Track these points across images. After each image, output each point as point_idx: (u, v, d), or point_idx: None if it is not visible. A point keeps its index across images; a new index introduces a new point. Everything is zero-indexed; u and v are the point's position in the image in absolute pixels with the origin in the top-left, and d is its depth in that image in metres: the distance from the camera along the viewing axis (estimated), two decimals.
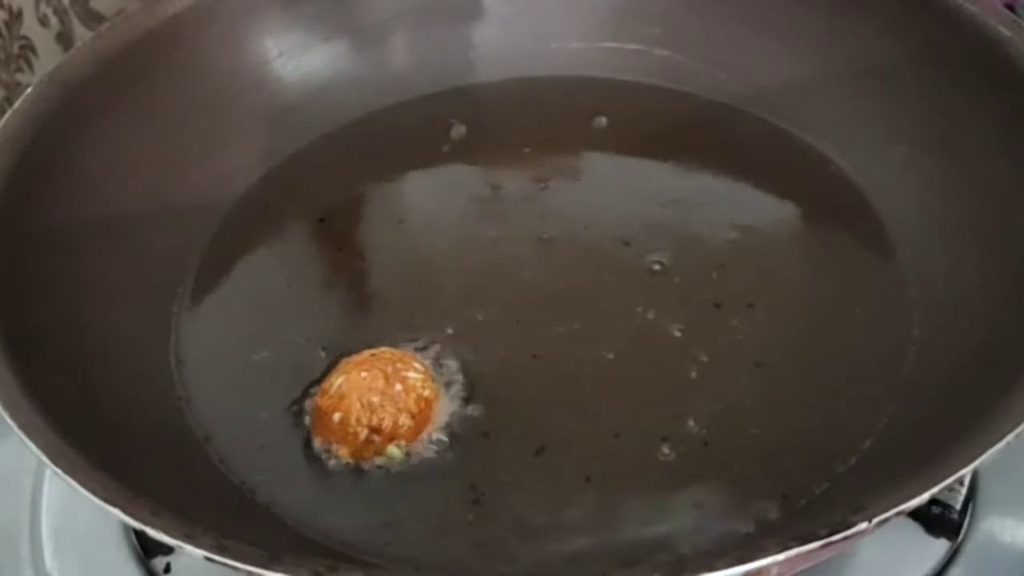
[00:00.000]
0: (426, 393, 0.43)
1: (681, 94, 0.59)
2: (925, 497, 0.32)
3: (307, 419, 0.44)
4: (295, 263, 0.53)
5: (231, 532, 0.33)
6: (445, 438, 0.43)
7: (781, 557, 0.31)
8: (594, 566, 0.39)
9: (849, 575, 0.43)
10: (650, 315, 0.47)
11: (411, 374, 0.43)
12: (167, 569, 0.45)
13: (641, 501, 0.41)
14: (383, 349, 0.45)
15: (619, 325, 0.47)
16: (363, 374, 0.42)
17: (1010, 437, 0.34)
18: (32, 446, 0.35)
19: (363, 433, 0.42)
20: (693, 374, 0.45)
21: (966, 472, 0.33)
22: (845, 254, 0.50)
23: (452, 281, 0.50)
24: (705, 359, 0.46)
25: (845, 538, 0.31)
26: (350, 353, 0.45)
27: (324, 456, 0.43)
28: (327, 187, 0.55)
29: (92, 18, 0.71)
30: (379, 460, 0.42)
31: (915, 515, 0.44)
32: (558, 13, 0.61)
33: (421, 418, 0.42)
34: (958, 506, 0.44)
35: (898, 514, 0.32)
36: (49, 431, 0.36)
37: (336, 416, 0.42)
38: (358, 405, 0.42)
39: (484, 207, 0.53)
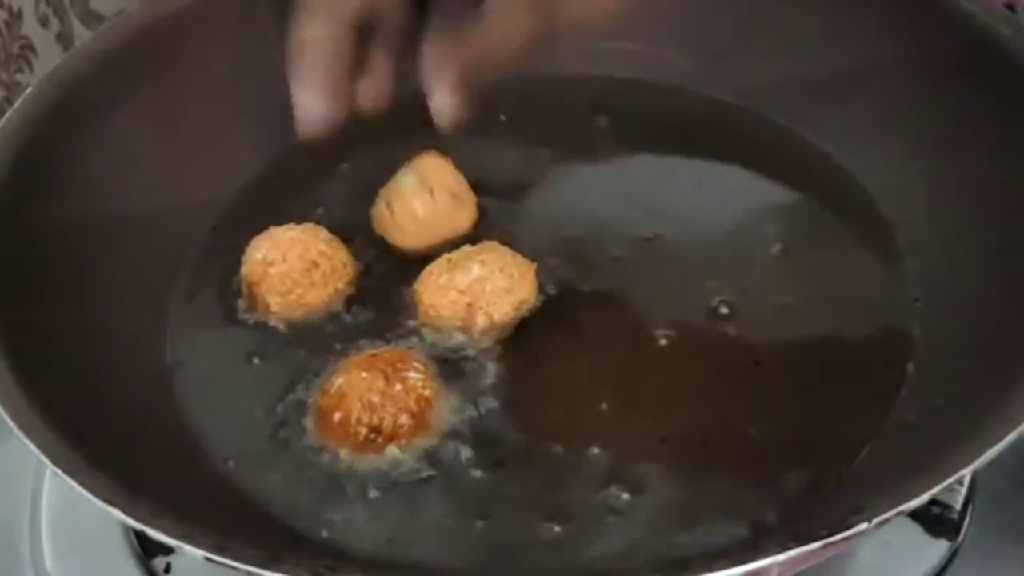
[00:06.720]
0: (426, 393, 0.43)
1: (682, 92, 0.59)
2: (925, 497, 0.32)
3: (307, 419, 0.44)
4: None
5: (231, 532, 0.33)
6: (445, 438, 0.43)
7: (781, 557, 0.31)
8: (593, 565, 0.39)
9: (849, 575, 0.43)
10: (648, 314, 0.47)
11: (411, 374, 0.43)
12: (167, 569, 0.45)
13: (639, 501, 0.41)
14: (383, 349, 0.45)
15: (616, 324, 0.47)
16: (363, 374, 0.42)
17: (1010, 437, 0.34)
18: (32, 446, 0.35)
19: (363, 433, 0.42)
20: (691, 374, 0.45)
21: (966, 472, 0.33)
22: (845, 253, 0.50)
23: None
24: (703, 359, 0.46)
25: (845, 538, 0.31)
26: (351, 352, 0.45)
27: (324, 456, 0.43)
28: (326, 185, 0.55)
29: (92, 18, 0.71)
30: (379, 460, 0.42)
31: (915, 515, 0.44)
32: None
33: (421, 418, 0.42)
34: (958, 506, 0.44)
35: (898, 514, 0.32)
36: (49, 431, 0.36)
37: (336, 416, 0.42)
38: (358, 405, 0.42)
39: (482, 205, 0.53)
